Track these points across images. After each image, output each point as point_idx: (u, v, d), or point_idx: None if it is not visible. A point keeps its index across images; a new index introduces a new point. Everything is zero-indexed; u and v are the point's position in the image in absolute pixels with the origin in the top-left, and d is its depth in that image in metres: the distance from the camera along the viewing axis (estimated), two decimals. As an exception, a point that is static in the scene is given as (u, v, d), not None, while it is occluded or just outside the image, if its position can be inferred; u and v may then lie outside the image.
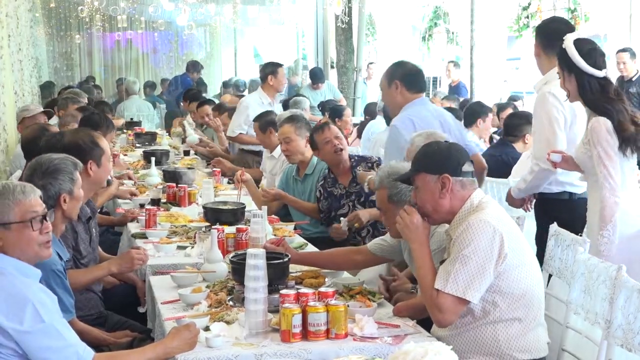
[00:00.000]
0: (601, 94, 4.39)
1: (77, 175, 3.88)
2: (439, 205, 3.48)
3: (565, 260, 4.10)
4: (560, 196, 5.02)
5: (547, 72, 4.95)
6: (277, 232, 5.18)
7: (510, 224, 3.44)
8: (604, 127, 4.33)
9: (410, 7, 16.39)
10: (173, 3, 14.85)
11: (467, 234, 3.31)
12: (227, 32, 20.48)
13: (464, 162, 3.50)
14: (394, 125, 5.14)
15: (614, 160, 4.33)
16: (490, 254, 3.29)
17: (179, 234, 5.28)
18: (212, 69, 21.75)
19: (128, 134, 11.34)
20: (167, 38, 21.31)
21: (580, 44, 4.44)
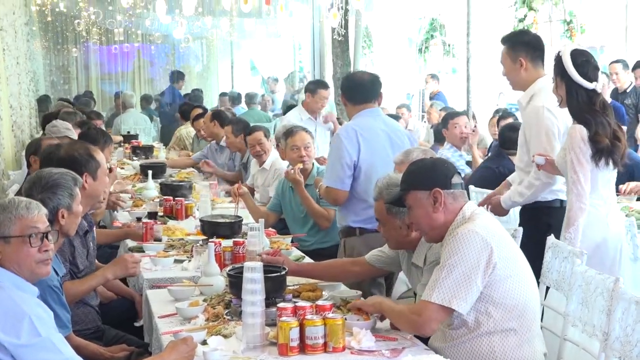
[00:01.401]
0: (587, 105, 4.56)
1: (76, 191, 3.88)
2: (434, 220, 3.49)
3: (563, 272, 4.10)
4: (553, 204, 5.09)
5: (530, 83, 5.06)
6: (274, 245, 5.18)
7: (501, 234, 3.44)
8: (578, 135, 4.51)
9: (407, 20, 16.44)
10: (170, 16, 14.87)
11: (455, 243, 3.32)
12: (223, 44, 20.54)
13: (452, 175, 3.53)
14: (337, 134, 5.24)
15: (585, 168, 4.51)
16: (477, 263, 3.28)
17: (176, 248, 5.27)
18: (209, 81, 21.82)
19: (125, 147, 11.35)
20: (164, 51, 21.38)
21: (576, 55, 4.61)
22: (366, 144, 5.10)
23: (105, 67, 21.22)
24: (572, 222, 4.54)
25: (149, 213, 6.20)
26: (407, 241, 3.96)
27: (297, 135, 6.27)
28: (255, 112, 14.48)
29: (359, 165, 5.08)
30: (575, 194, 4.53)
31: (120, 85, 20.70)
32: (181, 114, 11.87)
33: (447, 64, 15.58)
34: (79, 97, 17.16)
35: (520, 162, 5.18)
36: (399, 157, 4.78)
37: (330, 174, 5.15)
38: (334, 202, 5.24)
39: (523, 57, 5.06)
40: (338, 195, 5.12)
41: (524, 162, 5.11)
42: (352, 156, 5.06)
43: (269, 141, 7.58)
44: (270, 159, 7.46)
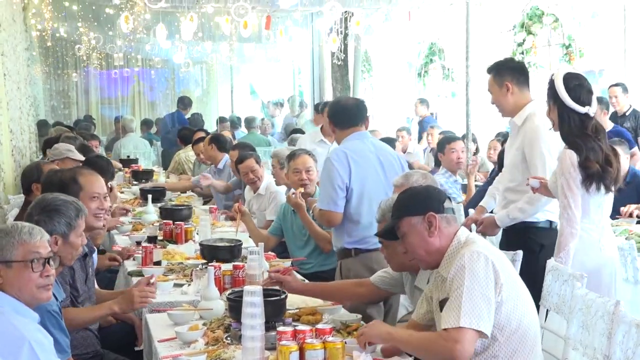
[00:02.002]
0: (579, 129, 4.59)
1: (78, 222, 3.85)
2: (430, 245, 3.48)
3: (563, 295, 4.10)
4: (542, 224, 5.17)
5: (520, 107, 5.18)
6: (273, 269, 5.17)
7: (500, 256, 3.44)
8: (568, 160, 4.56)
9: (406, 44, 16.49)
10: (170, 41, 14.93)
11: (463, 266, 3.29)
12: (223, 69, 20.60)
13: (444, 199, 3.56)
14: (328, 157, 5.27)
15: (575, 193, 4.54)
16: (488, 281, 3.26)
17: (175, 272, 5.27)
18: (209, 106, 21.86)
19: (125, 171, 11.37)
20: (164, 75, 21.44)
21: (569, 79, 4.64)
22: (357, 166, 5.16)
23: (105, 92, 21.28)
24: (562, 247, 4.57)
25: (149, 237, 6.20)
26: (410, 264, 3.95)
27: (299, 158, 6.29)
28: (255, 136, 14.52)
29: (351, 187, 5.14)
30: (566, 218, 4.57)
31: (120, 110, 20.75)
32: (180, 139, 11.91)
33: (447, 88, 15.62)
34: (78, 122, 17.20)
35: (511, 182, 5.25)
36: (399, 180, 4.80)
37: (323, 197, 5.19)
38: (328, 224, 5.30)
39: (509, 81, 5.20)
40: (332, 217, 5.16)
41: (517, 181, 5.17)
42: (343, 178, 5.12)
43: (261, 166, 7.59)
44: (265, 184, 7.49)
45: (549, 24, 11.72)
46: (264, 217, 7.31)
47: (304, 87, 20.09)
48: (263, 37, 16.19)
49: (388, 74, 17.31)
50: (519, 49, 11.91)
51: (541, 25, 11.77)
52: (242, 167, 7.57)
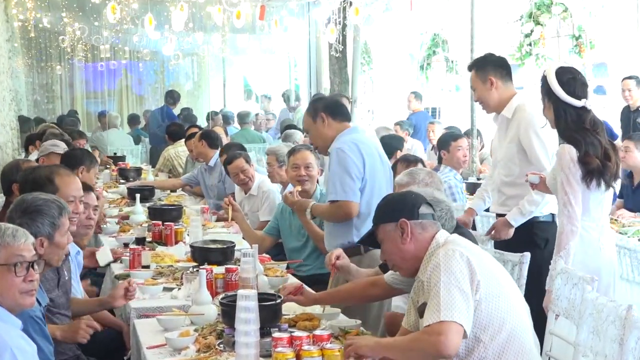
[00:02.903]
0: (576, 124, 4.66)
1: (61, 220, 3.85)
2: (404, 251, 3.56)
3: (573, 299, 4.11)
4: (545, 218, 5.29)
5: (505, 102, 5.36)
6: (268, 272, 5.19)
7: (480, 254, 3.47)
8: (568, 155, 4.61)
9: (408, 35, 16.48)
10: (159, 32, 14.92)
11: (439, 265, 3.35)
12: (215, 61, 20.59)
13: (419, 205, 3.61)
14: (339, 148, 5.21)
15: (575, 189, 4.59)
16: (463, 276, 3.30)
17: (165, 275, 5.27)
18: (200, 100, 21.85)
19: (112, 169, 11.36)
20: (153, 68, 21.42)
21: (561, 73, 4.74)
22: (368, 157, 5.25)
23: (91, 85, 21.26)
24: (563, 245, 4.62)
25: (137, 239, 6.20)
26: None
27: (299, 153, 6.27)
28: (249, 133, 14.52)
29: (365, 178, 5.20)
30: (567, 216, 4.61)
31: (106, 105, 20.74)
32: (169, 135, 11.91)
33: (450, 81, 15.62)
34: (63, 117, 17.18)
35: (507, 176, 5.35)
36: (403, 179, 4.83)
37: (339, 188, 5.17)
38: (345, 216, 5.22)
39: (492, 75, 5.38)
40: (351, 207, 5.18)
41: (514, 174, 5.25)
42: (359, 168, 5.18)
43: (252, 166, 7.58)
44: (256, 183, 7.49)
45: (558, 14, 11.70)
46: (257, 219, 7.31)
47: (300, 80, 20.09)
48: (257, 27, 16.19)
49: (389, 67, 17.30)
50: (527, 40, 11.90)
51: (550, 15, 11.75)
52: (231, 167, 7.55)
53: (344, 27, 13.67)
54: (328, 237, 5.46)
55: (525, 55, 11.84)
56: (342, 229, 5.29)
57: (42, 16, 16.28)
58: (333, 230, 5.39)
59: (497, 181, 5.46)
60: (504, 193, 5.41)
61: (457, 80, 15.33)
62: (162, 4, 14.30)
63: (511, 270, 4.62)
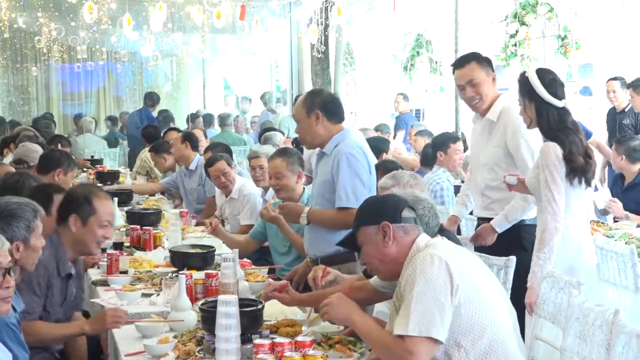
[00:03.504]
0: (559, 124, 4.77)
1: (36, 223, 3.84)
2: (385, 255, 3.55)
3: (559, 304, 4.13)
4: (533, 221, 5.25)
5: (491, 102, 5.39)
6: (249, 277, 5.18)
7: (460, 258, 3.45)
8: (553, 153, 4.69)
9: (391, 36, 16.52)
10: (137, 32, 14.88)
11: (415, 270, 3.35)
12: (195, 62, 20.55)
13: (402, 208, 3.60)
14: (350, 153, 5.08)
15: (559, 186, 4.68)
16: (442, 284, 3.29)
17: (143, 281, 5.25)
18: (179, 102, 21.80)
19: (89, 172, 11.31)
20: (131, 69, 21.35)
21: (542, 74, 4.85)
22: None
23: (68, 87, 21.14)
24: (547, 242, 4.67)
25: (115, 243, 6.17)
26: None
27: (270, 163, 6.19)
28: (229, 135, 14.49)
29: (370, 184, 5.15)
30: (551, 212, 4.67)
31: (83, 107, 20.65)
32: (145, 137, 11.87)
33: (434, 82, 15.66)
34: (38, 120, 17.10)
35: (492, 180, 5.39)
36: (387, 182, 4.81)
37: (351, 194, 5.04)
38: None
39: (491, 73, 5.44)
40: None
41: (500, 178, 5.28)
42: (368, 174, 5.12)
43: (233, 168, 7.55)
44: (237, 186, 7.46)
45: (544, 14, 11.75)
46: (238, 223, 7.30)
47: (282, 81, 20.09)
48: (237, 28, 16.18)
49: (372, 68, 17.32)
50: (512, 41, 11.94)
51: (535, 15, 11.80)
52: (212, 170, 7.53)
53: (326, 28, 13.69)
54: (319, 244, 5.28)
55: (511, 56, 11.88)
56: (335, 237, 5.12)
57: (17, 16, 16.20)
58: (323, 236, 5.23)
59: (481, 185, 5.47)
60: (488, 197, 5.42)
61: (441, 81, 15.38)
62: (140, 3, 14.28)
63: (497, 274, 4.63)
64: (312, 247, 5.34)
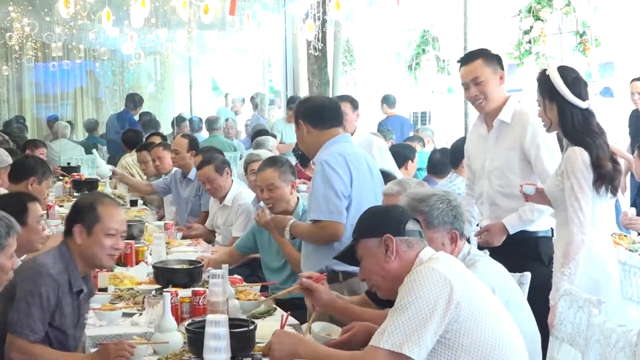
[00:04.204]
0: (583, 126, 4.73)
1: (8, 241, 3.78)
2: (387, 271, 3.56)
3: (578, 324, 4.13)
4: (546, 233, 5.32)
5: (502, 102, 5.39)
6: (240, 295, 5.17)
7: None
8: (580, 158, 4.66)
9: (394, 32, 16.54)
10: (117, 28, 14.89)
11: (410, 282, 3.37)
12: (180, 61, 20.56)
13: (406, 220, 3.62)
14: (325, 161, 5.13)
15: (587, 195, 4.65)
16: (435, 303, 3.31)
17: (124, 299, 5.25)
18: (164, 104, 21.82)
19: (65, 181, 11.31)
20: (111, 69, 21.37)
21: (565, 72, 4.81)
22: (356, 172, 5.17)
23: (42, 88, 21.15)
24: (572, 256, 4.64)
25: (93, 258, 6.16)
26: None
27: (260, 175, 6.19)
28: (218, 140, 14.49)
29: (351, 196, 5.12)
30: (577, 224, 4.64)
31: (59, 109, 20.65)
32: (125, 142, 11.86)
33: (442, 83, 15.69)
34: (9, 124, 17.10)
35: (504, 186, 5.41)
36: (393, 188, 4.84)
37: (324, 206, 5.08)
38: (330, 238, 5.11)
39: (500, 72, 5.41)
40: (337, 229, 5.08)
41: (513, 185, 5.31)
42: (346, 185, 5.10)
43: (224, 175, 7.52)
44: (232, 194, 7.46)
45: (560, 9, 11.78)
46: (230, 234, 7.30)
47: (276, 81, 20.11)
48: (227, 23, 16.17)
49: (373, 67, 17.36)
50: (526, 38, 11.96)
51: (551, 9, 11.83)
52: (198, 174, 7.57)
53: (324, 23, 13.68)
54: (305, 261, 5.35)
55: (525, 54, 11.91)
56: (321, 252, 5.17)
57: (-14, 11, 16.22)
58: (310, 253, 5.29)
59: (489, 192, 5.44)
60: (499, 205, 5.39)
61: (449, 81, 15.40)
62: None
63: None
64: (302, 264, 5.38)
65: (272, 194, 6.05)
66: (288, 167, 6.18)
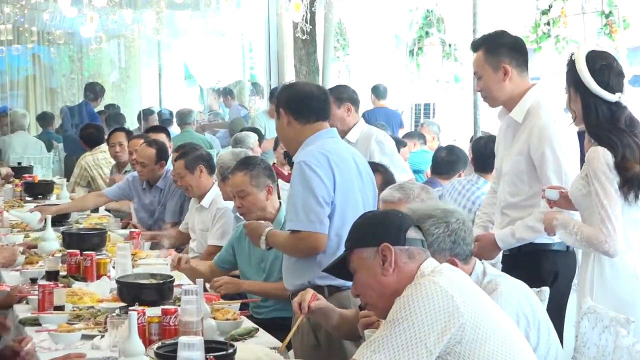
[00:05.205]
0: (609, 122, 4.71)
1: None
2: (384, 286, 3.56)
3: (603, 347, 4.14)
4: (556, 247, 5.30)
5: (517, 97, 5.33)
6: (217, 314, 5.17)
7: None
8: (602, 159, 4.64)
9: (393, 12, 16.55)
10: (75, 8, 14.87)
11: (409, 295, 3.37)
12: (148, 46, 20.53)
13: (406, 228, 3.62)
14: (303, 161, 5.08)
15: (614, 200, 4.63)
16: (433, 321, 3.31)
17: (84, 319, 5.25)
18: (129, 95, 21.78)
19: (15, 183, 11.29)
20: (68, 54, 21.34)
21: (593, 59, 4.77)
22: (340, 174, 5.11)
23: (-12, 76, 21.13)
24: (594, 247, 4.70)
25: (48, 272, 6.16)
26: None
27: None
28: (191, 136, 14.48)
29: (334, 201, 5.07)
30: (605, 234, 4.63)
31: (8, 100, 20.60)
32: (84, 140, 11.83)
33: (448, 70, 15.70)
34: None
35: (512, 196, 5.34)
36: (394, 195, 4.85)
37: (302, 214, 5.03)
38: (310, 251, 5.09)
39: (507, 62, 5.34)
40: (317, 240, 5.03)
41: (522, 194, 5.27)
42: (328, 189, 5.05)
43: (197, 172, 7.52)
44: (211, 196, 7.47)
45: (584, -15, 11.81)
46: (205, 240, 7.29)
47: (257, 69, 20.10)
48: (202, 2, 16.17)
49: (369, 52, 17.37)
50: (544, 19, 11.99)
51: (573, -15, 11.86)
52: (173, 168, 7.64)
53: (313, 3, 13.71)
54: (286, 275, 5.35)
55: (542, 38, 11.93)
56: (302, 265, 5.18)
57: None
58: (292, 265, 5.27)
59: (500, 199, 5.45)
60: (507, 215, 5.38)
61: (456, 69, 15.41)
62: (79, -28, 14.26)
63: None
64: (285, 278, 5.38)
65: (244, 201, 6.08)
66: (262, 169, 6.15)
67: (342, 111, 7.63)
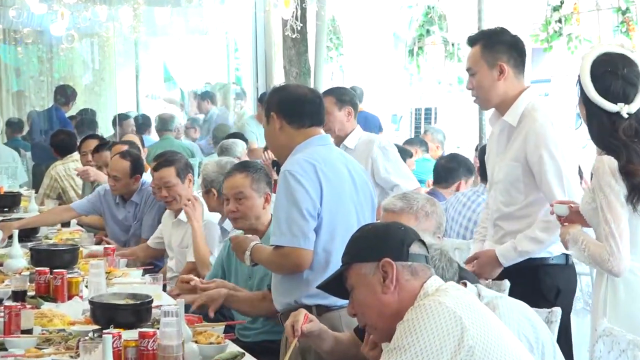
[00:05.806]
0: (609, 133, 4.70)
1: None
2: (384, 304, 3.56)
3: (620, 372, 4.15)
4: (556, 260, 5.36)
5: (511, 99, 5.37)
6: (199, 337, 5.16)
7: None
8: (607, 168, 4.63)
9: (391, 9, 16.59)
10: (45, 4, 14.89)
11: (412, 319, 3.37)
12: (124, 45, 20.55)
13: (410, 242, 3.62)
14: (288, 171, 5.08)
15: (619, 214, 4.61)
16: (441, 346, 3.32)
17: (54, 343, 5.24)
18: (103, 98, 21.79)
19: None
20: (37, 54, 21.35)
21: (599, 63, 4.73)
22: (329, 185, 5.11)
23: (-51, 79, 21.15)
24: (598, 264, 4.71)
25: (14, 292, 6.16)
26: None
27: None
28: (171, 143, 14.49)
29: (322, 214, 5.07)
30: (609, 251, 4.62)
31: (-28, 105, 20.63)
32: (55, 147, 11.83)
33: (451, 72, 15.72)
34: None
35: (507, 206, 5.35)
36: (396, 204, 4.86)
37: (286, 229, 5.02)
38: (294, 268, 5.09)
39: (504, 61, 5.38)
40: (301, 257, 5.02)
41: (517, 204, 5.28)
42: (314, 201, 5.04)
43: (186, 182, 7.53)
44: None
45: (598, -19, 11.84)
46: (185, 257, 7.27)
47: (243, 70, 20.11)
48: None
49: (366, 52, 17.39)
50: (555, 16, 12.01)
51: (586, -20, 11.89)
52: (155, 178, 7.56)
53: (304, -2, 13.74)
54: (274, 292, 5.36)
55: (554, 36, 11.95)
56: (288, 282, 5.19)
57: None
58: (277, 283, 5.28)
59: (492, 209, 5.47)
60: (501, 227, 5.40)
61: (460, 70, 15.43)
62: (49, -34, 14.28)
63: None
64: (273, 295, 5.38)
65: (240, 205, 6.03)
66: (263, 175, 6.16)
67: (342, 114, 7.64)
